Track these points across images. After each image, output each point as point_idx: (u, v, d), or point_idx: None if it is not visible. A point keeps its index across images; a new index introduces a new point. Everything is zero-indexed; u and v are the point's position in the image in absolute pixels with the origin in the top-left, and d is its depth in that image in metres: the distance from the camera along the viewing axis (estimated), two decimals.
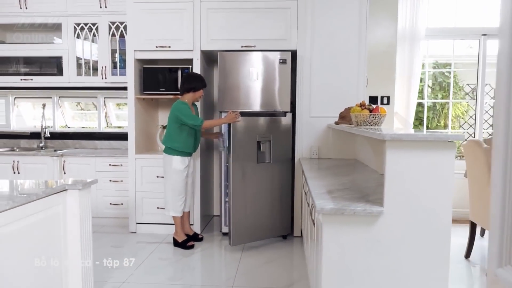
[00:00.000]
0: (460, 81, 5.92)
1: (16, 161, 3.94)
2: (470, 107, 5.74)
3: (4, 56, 4.15)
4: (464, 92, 5.91)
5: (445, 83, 6.68)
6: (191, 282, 2.71)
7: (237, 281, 2.68)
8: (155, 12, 3.58)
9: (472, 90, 5.44)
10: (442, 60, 5.40)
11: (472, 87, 5.42)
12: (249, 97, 3.51)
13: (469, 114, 5.85)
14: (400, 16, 4.03)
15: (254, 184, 3.45)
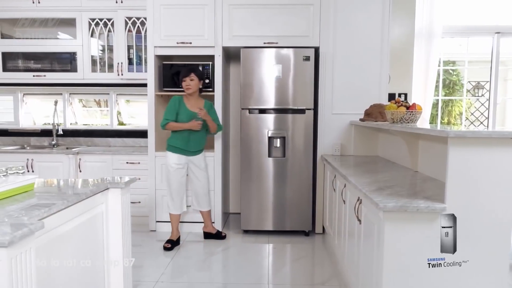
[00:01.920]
0: (462, 79, 6.00)
1: (30, 159, 3.85)
2: (472, 104, 5.82)
3: (15, 51, 4.04)
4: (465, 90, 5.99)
5: (449, 81, 6.77)
6: (225, 280, 2.69)
7: (271, 279, 2.68)
8: (176, 7, 3.53)
9: (474, 87, 5.52)
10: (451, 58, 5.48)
11: (473, 85, 5.50)
12: (271, 94, 3.50)
13: (470, 111, 5.94)
14: (417, 14, 4.05)
15: (266, 178, 3.56)
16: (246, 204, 3.58)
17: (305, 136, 3.52)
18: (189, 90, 3.23)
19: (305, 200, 3.56)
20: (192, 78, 3.20)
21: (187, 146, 3.26)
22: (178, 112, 3.23)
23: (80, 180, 2.21)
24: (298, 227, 3.59)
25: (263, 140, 3.52)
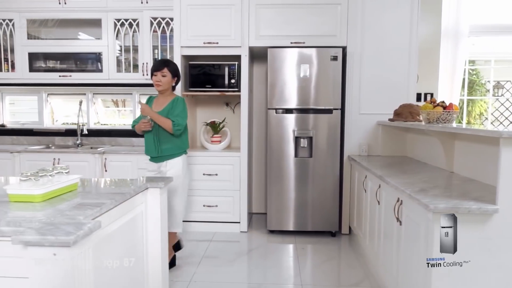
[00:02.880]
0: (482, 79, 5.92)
1: (57, 158, 3.88)
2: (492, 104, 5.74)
3: (41, 52, 4.08)
4: (485, 89, 5.91)
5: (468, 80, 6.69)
6: (258, 280, 2.69)
7: (304, 279, 2.67)
8: (203, 8, 3.54)
9: (494, 87, 5.45)
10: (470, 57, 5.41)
11: (494, 84, 5.42)
12: (298, 94, 3.49)
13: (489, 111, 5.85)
14: (444, 13, 4.00)
15: (293, 178, 3.54)
16: (272, 205, 3.58)
17: (332, 136, 3.50)
18: (159, 87, 2.76)
19: (332, 201, 3.54)
20: (164, 74, 2.75)
21: (150, 151, 2.81)
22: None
23: (120, 180, 2.22)
24: (324, 227, 3.57)
25: (289, 140, 3.51)
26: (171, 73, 2.79)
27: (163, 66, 2.75)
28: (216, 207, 3.65)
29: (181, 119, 2.73)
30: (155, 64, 2.80)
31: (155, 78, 2.77)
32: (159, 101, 2.84)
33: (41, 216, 1.41)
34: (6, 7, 4.01)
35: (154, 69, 2.77)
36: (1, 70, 4.11)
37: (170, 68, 2.78)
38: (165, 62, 2.80)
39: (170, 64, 2.82)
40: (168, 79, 2.77)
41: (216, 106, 4.21)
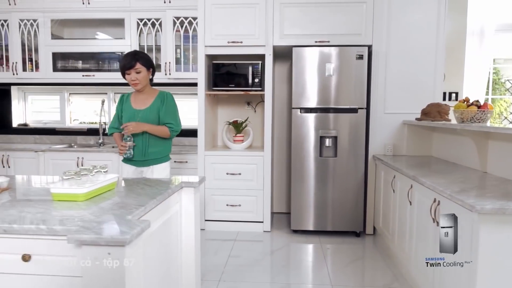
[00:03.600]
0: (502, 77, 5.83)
1: (80, 157, 3.92)
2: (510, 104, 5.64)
3: (64, 52, 4.11)
4: (504, 88, 5.82)
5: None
6: (287, 280, 2.68)
7: (333, 280, 2.65)
8: (227, 7, 3.53)
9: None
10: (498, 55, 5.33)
11: None
12: (323, 93, 3.47)
13: (509, 110, 5.76)
14: (469, 11, 3.95)
15: (317, 178, 3.51)
16: (296, 204, 3.56)
17: (357, 135, 3.47)
18: (137, 86, 2.46)
19: (356, 201, 3.51)
20: (138, 70, 2.41)
21: (138, 154, 2.51)
22: (122, 113, 2.57)
23: (154, 179, 2.23)
24: (349, 227, 3.55)
25: (314, 139, 3.49)
26: (145, 66, 2.45)
27: (134, 62, 2.40)
28: (240, 206, 3.65)
29: (177, 122, 2.52)
30: (124, 61, 2.42)
31: (128, 77, 2.44)
32: (139, 98, 2.52)
33: (89, 215, 1.42)
34: (30, 7, 4.05)
35: (125, 68, 2.41)
36: (25, 70, 4.15)
37: (142, 61, 2.44)
38: (134, 56, 2.42)
39: (141, 56, 2.46)
40: (143, 74, 2.45)
41: (237, 105, 4.21)
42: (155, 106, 2.49)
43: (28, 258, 1.30)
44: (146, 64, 2.46)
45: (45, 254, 1.30)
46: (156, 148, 2.52)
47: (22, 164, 3.99)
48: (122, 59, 2.46)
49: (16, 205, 1.56)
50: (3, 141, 4.54)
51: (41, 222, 1.32)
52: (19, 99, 4.65)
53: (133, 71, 2.42)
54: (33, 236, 1.29)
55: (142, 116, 2.47)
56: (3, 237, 1.30)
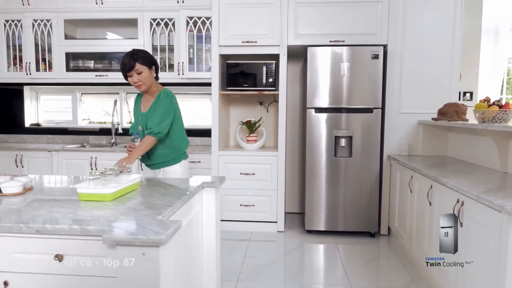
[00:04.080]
0: None
1: (94, 157, 3.92)
2: None
3: (78, 52, 4.12)
4: None
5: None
6: (305, 280, 2.67)
7: (352, 281, 2.64)
8: (242, 7, 3.53)
9: None
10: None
11: None
12: (338, 93, 3.46)
13: None
14: (485, 9, 3.92)
15: (332, 178, 3.50)
16: (310, 204, 3.55)
17: (372, 135, 3.46)
18: (142, 88, 2.31)
19: (371, 201, 3.50)
20: (139, 71, 2.25)
21: (143, 158, 2.45)
22: (135, 114, 2.52)
23: (175, 179, 2.23)
24: (363, 228, 3.54)
25: (329, 139, 3.48)
26: (146, 65, 2.28)
27: (133, 62, 2.23)
28: (253, 206, 3.64)
29: (158, 123, 2.27)
30: (123, 64, 2.26)
31: (131, 79, 2.29)
32: (145, 99, 2.44)
33: (119, 215, 1.42)
34: (44, 7, 4.05)
35: (125, 70, 2.26)
36: (39, 70, 4.16)
37: (142, 60, 2.26)
38: (132, 57, 2.25)
39: (140, 55, 2.27)
40: (146, 74, 2.28)
41: (250, 105, 4.20)
42: (150, 110, 2.33)
43: (60, 258, 1.30)
44: (146, 63, 2.28)
45: (78, 254, 1.30)
46: (162, 151, 2.38)
47: (35, 164, 4.00)
48: (120, 62, 2.28)
49: (44, 205, 1.56)
50: (15, 141, 4.56)
51: (73, 222, 1.32)
52: (31, 99, 4.67)
53: (134, 73, 2.26)
54: (66, 236, 1.29)
55: (142, 121, 2.35)
56: (36, 237, 1.30)
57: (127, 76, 2.30)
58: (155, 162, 2.41)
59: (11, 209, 1.50)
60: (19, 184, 1.75)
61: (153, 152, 2.37)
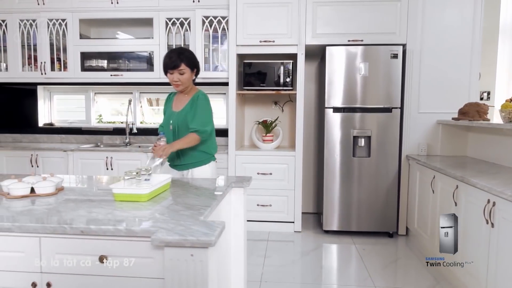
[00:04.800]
0: None
1: (109, 157, 3.91)
2: None
3: (93, 51, 4.11)
4: None
5: None
6: (331, 281, 2.66)
7: (375, 281, 2.62)
8: (259, 6, 3.52)
9: None
10: None
11: None
12: (356, 92, 3.44)
13: None
14: (502, 8, 3.90)
15: (350, 178, 3.48)
16: (328, 205, 3.54)
17: (391, 135, 3.44)
18: (179, 87, 2.29)
19: (390, 201, 3.48)
20: (182, 71, 2.24)
21: (170, 157, 2.37)
22: (165, 113, 2.47)
23: (202, 179, 2.22)
24: (381, 228, 3.52)
25: (347, 139, 3.46)
26: (190, 67, 2.27)
27: (179, 62, 2.21)
28: (270, 206, 3.63)
29: (203, 124, 2.26)
30: (168, 60, 2.24)
31: (170, 77, 2.26)
32: (179, 99, 2.39)
33: (160, 216, 1.41)
34: (59, 7, 4.05)
35: (169, 67, 2.24)
36: (53, 70, 4.16)
37: (187, 61, 2.24)
38: (179, 56, 2.23)
39: (187, 56, 2.25)
40: (187, 76, 2.27)
41: (264, 104, 4.19)
42: (187, 108, 2.31)
43: (105, 259, 1.29)
44: (190, 65, 2.27)
45: (122, 255, 1.29)
46: (195, 152, 2.34)
47: (50, 164, 3.99)
48: (166, 56, 2.28)
49: (80, 205, 1.55)
50: (29, 141, 4.56)
51: (117, 223, 1.30)
52: (44, 98, 4.66)
53: (177, 72, 2.24)
54: (110, 237, 1.28)
55: (174, 120, 2.31)
56: (81, 238, 1.30)
57: (167, 72, 2.27)
58: (185, 163, 2.36)
59: (50, 209, 1.49)
60: (52, 185, 1.75)
61: (184, 152, 2.33)
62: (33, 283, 1.33)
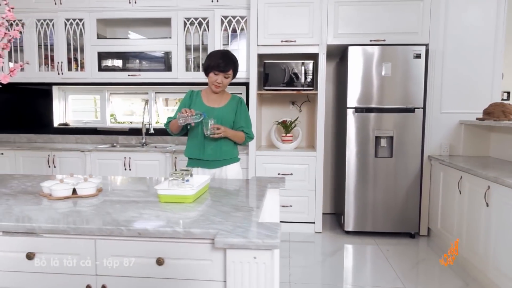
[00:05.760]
0: None
1: (128, 157, 3.89)
2: None
3: (110, 51, 4.09)
4: None
5: None
6: (360, 282, 2.65)
7: (404, 282, 2.61)
8: (281, 6, 3.50)
9: None
10: None
11: None
12: (378, 92, 3.43)
13: None
14: None
15: (372, 178, 3.47)
16: (350, 205, 3.52)
17: (413, 135, 3.43)
18: (218, 89, 2.32)
19: (412, 201, 3.47)
20: (227, 76, 2.29)
21: (205, 153, 2.34)
22: (190, 107, 2.38)
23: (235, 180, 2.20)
24: (403, 228, 3.51)
25: (369, 139, 3.45)
26: (234, 73, 2.34)
27: (229, 68, 2.26)
28: (291, 207, 3.62)
29: (251, 131, 2.44)
30: (221, 62, 2.24)
31: (214, 77, 2.27)
32: (211, 97, 2.39)
33: (213, 217, 1.39)
34: (76, 6, 4.03)
35: (219, 69, 2.25)
36: (70, 70, 4.14)
37: (235, 68, 2.31)
38: (231, 61, 2.28)
39: (235, 62, 2.32)
40: (229, 80, 2.33)
41: (281, 104, 4.18)
42: (230, 107, 2.38)
43: (162, 261, 1.27)
44: (235, 72, 2.34)
45: (179, 257, 1.28)
46: (228, 147, 2.37)
47: (68, 164, 3.97)
48: (214, 56, 2.29)
49: (127, 207, 1.54)
50: (44, 141, 4.54)
51: (174, 225, 1.29)
52: (59, 98, 4.64)
53: (222, 75, 2.27)
54: (168, 239, 1.27)
55: (218, 114, 2.32)
56: (137, 240, 1.28)
57: (210, 72, 2.28)
58: (222, 159, 2.36)
59: (99, 211, 1.47)
60: (93, 186, 1.73)
61: (222, 146, 2.35)
62: (88, 285, 1.31)
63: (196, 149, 2.35)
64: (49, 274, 1.32)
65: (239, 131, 2.38)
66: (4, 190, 1.84)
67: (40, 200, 1.65)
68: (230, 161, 2.40)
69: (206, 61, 2.33)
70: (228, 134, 2.30)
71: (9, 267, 1.33)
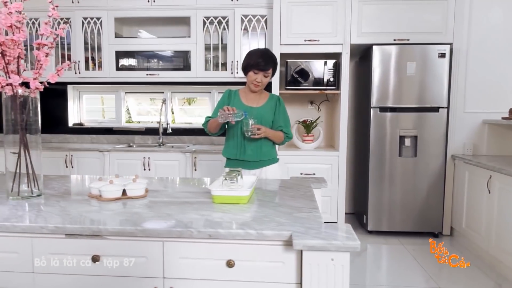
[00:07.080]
0: None
1: (147, 157, 3.86)
2: None
3: (128, 50, 4.06)
4: None
5: None
6: (394, 283, 2.63)
7: (438, 282, 2.60)
8: (304, 4, 3.48)
9: None
10: None
11: None
12: (403, 92, 3.42)
13: None
14: None
15: (396, 178, 3.46)
16: (373, 205, 3.51)
17: (437, 135, 3.42)
18: (257, 88, 2.29)
19: (435, 201, 3.47)
20: (267, 74, 2.26)
21: (246, 153, 2.32)
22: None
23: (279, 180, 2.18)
24: (426, 228, 3.50)
25: (394, 139, 3.44)
26: (274, 72, 2.32)
27: (269, 67, 2.24)
28: None
29: (290, 128, 2.42)
30: (261, 60, 2.21)
31: (254, 76, 2.24)
32: (250, 97, 2.36)
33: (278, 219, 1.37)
34: (94, 5, 3.99)
35: (259, 68, 2.22)
36: (87, 69, 4.10)
37: (274, 67, 2.28)
38: (271, 61, 2.26)
39: (275, 61, 2.29)
40: (268, 79, 2.30)
41: (299, 104, 4.15)
42: (269, 106, 2.35)
43: (232, 263, 1.25)
44: (274, 70, 2.31)
45: (250, 259, 1.26)
46: (267, 147, 2.36)
47: (86, 164, 3.94)
48: (254, 55, 2.26)
49: (184, 208, 1.51)
50: (59, 141, 4.49)
51: (245, 227, 1.27)
52: (74, 98, 4.60)
53: (262, 74, 2.25)
54: (238, 241, 1.25)
55: (257, 113, 2.30)
56: (207, 242, 1.26)
57: (250, 70, 2.25)
58: (262, 159, 2.35)
59: (158, 212, 1.44)
60: (142, 187, 1.71)
61: (262, 146, 2.34)
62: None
63: (236, 150, 2.34)
64: (115, 277, 1.29)
65: (278, 130, 2.36)
66: (48, 191, 1.81)
67: (90, 201, 1.62)
68: (270, 162, 2.40)
69: (246, 59, 2.30)
70: (268, 134, 2.28)
71: (73, 271, 1.30)
